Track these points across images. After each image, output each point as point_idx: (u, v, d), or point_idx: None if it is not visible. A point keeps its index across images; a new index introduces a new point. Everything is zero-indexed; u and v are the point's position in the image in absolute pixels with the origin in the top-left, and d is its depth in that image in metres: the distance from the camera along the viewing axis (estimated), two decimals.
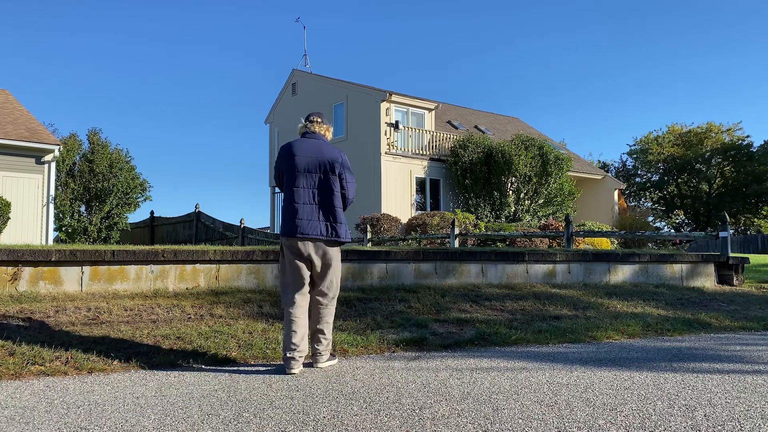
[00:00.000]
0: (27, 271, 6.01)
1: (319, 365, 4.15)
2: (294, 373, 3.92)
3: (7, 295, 5.70)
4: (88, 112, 64.96)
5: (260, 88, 73.23)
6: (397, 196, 20.49)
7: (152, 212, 25.64)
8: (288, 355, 3.95)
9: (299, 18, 59.36)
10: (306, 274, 4.11)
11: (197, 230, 22.61)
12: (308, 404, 3.18)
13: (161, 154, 67.02)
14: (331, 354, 4.29)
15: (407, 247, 13.96)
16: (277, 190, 25.40)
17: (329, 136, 4.34)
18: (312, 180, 4.09)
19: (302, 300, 4.10)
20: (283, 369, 4.00)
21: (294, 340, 3.97)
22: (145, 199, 21.36)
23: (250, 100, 73.93)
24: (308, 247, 4.05)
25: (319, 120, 4.28)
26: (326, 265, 4.13)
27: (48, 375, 3.81)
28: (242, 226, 20.23)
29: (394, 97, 21.01)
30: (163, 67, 73.81)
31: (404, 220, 19.63)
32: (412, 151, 21.31)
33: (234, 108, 76.01)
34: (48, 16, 65.77)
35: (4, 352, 4.14)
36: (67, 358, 4.09)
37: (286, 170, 4.12)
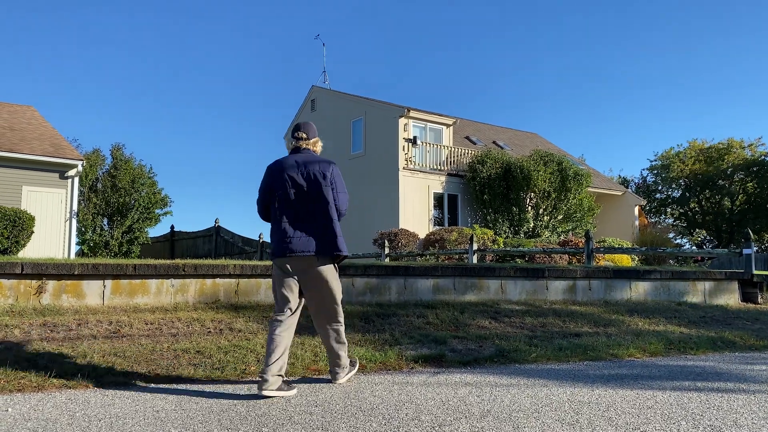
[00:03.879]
0: (51, 285, 6.10)
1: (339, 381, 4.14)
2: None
3: (31, 308, 5.79)
4: (111, 128, 66.06)
5: (279, 104, 73.98)
6: (415, 212, 20.48)
7: (172, 227, 25.91)
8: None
9: (318, 35, 60.02)
10: (296, 291, 3.96)
11: (217, 245, 22.77)
12: (327, 420, 3.18)
13: (181, 169, 67.89)
14: (350, 362, 4.27)
15: (425, 262, 13.93)
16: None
17: (318, 149, 4.17)
18: (301, 193, 3.94)
19: (282, 322, 3.91)
20: (299, 386, 4.00)
21: (271, 359, 3.75)
22: (165, 214, 21.61)
23: (268, 116, 74.70)
24: (301, 264, 3.90)
25: (304, 136, 4.10)
26: (317, 282, 3.93)
27: (70, 388, 3.85)
28: (261, 240, 20.35)
29: (412, 113, 21.08)
30: (183, 82, 75.03)
31: (422, 235, 19.60)
32: (430, 166, 21.32)
33: (253, 123, 76.84)
34: (71, 34, 67.26)
35: (27, 364, 4.19)
36: (89, 371, 4.13)
37: (277, 187, 3.97)
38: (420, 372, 4.65)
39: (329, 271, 3.92)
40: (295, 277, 3.91)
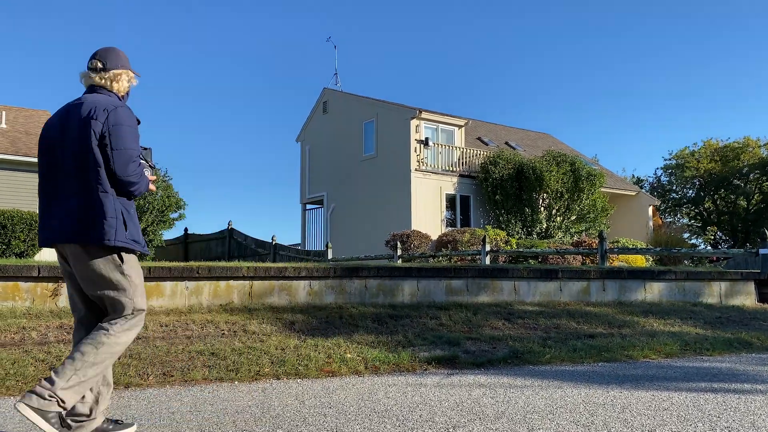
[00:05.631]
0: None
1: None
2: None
3: (47, 311, 5.86)
4: None
5: (292, 107, 74.28)
6: (427, 213, 20.46)
7: (186, 229, 26.05)
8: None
9: (330, 37, 60.22)
10: (77, 292, 2.86)
11: (230, 247, 22.89)
12: (341, 422, 3.19)
13: (195, 172, 68.32)
14: (112, 421, 2.85)
15: (438, 263, 13.92)
16: (308, 206, 25.60)
17: (121, 86, 2.88)
18: (62, 158, 2.74)
19: (79, 329, 2.88)
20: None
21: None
22: (180, 217, 21.74)
23: (282, 118, 74.98)
24: (65, 254, 2.80)
25: (99, 65, 2.83)
26: (90, 281, 2.74)
27: None
28: (274, 242, 20.42)
29: (423, 114, 21.08)
30: (196, 84, 75.49)
31: (434, 236, 19.58)
32: (442, 167, 21.30)
33: (266, 126, 77.16)
34: (85, 37, 67.98)
35: (44, 366, 4.24)
36: None
37: (43, 149, 2.85)
38: (433, 373, 4.64)
39: (102, 266, 2.69)
40: (66, 268, 2.85)
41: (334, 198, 23.75)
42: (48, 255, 14.52)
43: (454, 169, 21.54)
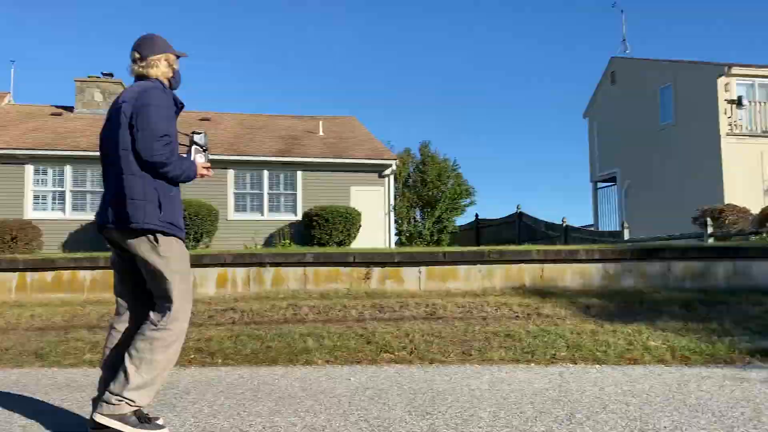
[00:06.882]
0: (376, 271, 6.93)
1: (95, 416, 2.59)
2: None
3: (362, 292, 6.67)
4: (417, 125, 71.77)
5: (576, 82, 71.08)
6: (744, 183, 17.73)
7: (477, 215, 27.00)
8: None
9: (615, 3, 55.94)
10: (126, 279, 2.85)
11: (519, 230, 23.03)
12: (645, 412, 2.97)
13: (481, 160, 70.36)
14: (137, 416, 2.63)
15: (762, 241, 11.96)
16: (599, 185, 24.39)
17: (160, 71, 2.84)
18: (107, 148, 2.81)
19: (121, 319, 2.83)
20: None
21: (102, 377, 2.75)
22: (470, 204, 22.70)
23: (562, 95, 72.45)
24: (115, 241, 2.78)
25: (137, 56, 2.84)
26: (143, 269, 2.73)
27: (396, 362, 4.32)
28: (564, 224, 19.91)
29: (734, 70, 18.27)
30: (475, 77, 77.47)
31: (755, 210, 16.85)
32: (762, 129, 18.24)
33: (546, 105, 75.48)
34: (405, 45, 74.85)
35: (362, 340, 4.83)
36: (411, 349, 4.57)
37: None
38: (759, 367, 4.03)
39: (140, 249, 2.68)
40: (122, 260, 2.83)
41: (627, 174, 22.15)
42: (359, 243, 16.50)
43: None
